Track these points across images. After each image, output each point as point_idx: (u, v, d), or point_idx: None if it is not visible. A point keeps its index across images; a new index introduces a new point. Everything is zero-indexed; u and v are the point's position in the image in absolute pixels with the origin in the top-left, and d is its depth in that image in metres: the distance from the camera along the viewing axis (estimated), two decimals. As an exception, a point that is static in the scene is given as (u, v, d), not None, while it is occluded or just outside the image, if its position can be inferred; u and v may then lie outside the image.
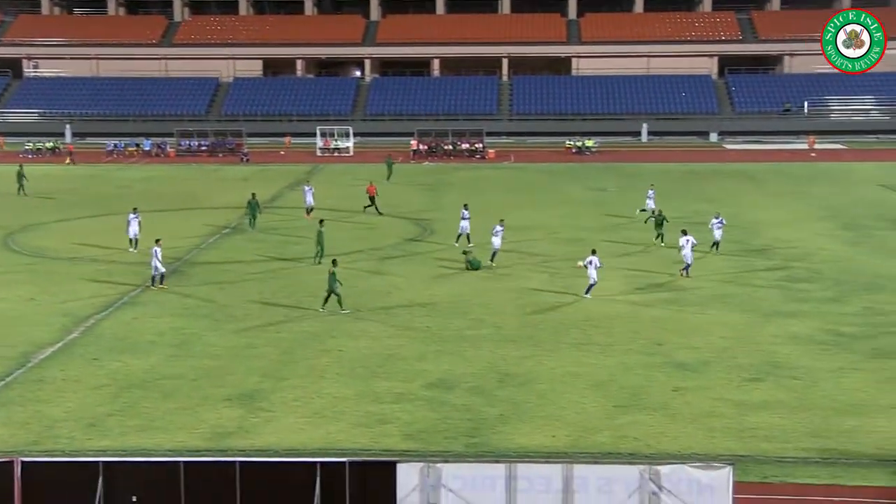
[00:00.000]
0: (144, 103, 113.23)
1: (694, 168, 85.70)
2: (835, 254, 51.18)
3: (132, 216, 52.51)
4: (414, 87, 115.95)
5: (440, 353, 35.36)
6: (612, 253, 51.09)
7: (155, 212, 64.80)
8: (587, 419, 29.34)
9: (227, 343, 36.75)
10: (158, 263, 44.34)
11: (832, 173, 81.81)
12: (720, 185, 76.01)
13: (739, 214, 61.94)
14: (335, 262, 41.36)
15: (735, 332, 37.79)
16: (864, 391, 31.57)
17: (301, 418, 29.53)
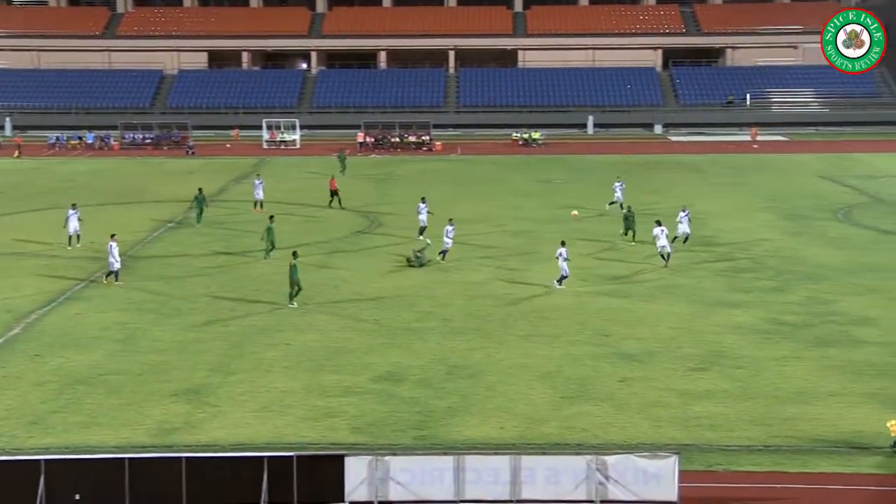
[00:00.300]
0: (87, 96, 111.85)
1: (639, 160, 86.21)
2: (777, 244, 51.73)
3: (71, 212, 51.85)
4: (360, 79, 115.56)
5: (388, 346, 35.30)
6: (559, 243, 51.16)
7: (99, 206, 64.13)
8: (535, 411, 29.43)
9: (173, 338, 36.45)
10: (114, 259, 43.81)
11: (774, 164, 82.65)
12: (665, 176, 76.51)
13: (684, 205, 62.32)
14: (296, 255, 41.14)
15: (680, 322, 38.08)
16: (805, 379, 31.96)
17: (248, 413, 29.36)
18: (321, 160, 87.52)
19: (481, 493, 23.76)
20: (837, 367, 33.01)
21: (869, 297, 41.48)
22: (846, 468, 25.88)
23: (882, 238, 53.52)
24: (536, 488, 23.73)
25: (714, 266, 47.16)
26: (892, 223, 57.29)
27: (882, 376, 32.23)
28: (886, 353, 34.39)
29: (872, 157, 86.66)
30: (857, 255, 49.38)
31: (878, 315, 38.87)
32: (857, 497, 24.52)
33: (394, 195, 68.36)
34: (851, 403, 29.98)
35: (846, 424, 28.43)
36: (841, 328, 37.25)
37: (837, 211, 61.21)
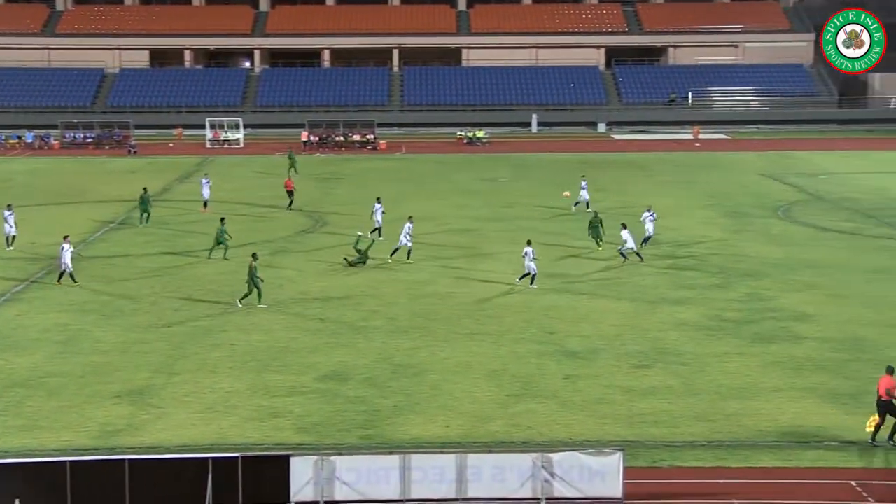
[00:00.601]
0: (26, 94, 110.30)
1: (584, 158, 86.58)
2: (719, 241, 52.23)
3: (7, 213, 51.09)
4: (304, 78, 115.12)
5: (333, 346, 35.21)
6: (504, 241, 51.41)
7: (39, 206, 63.33)
8: (480, 409, 29.48)
9: (115, 339, 36.08)
10: (68, 260, 43.21)
11: (716, 162, 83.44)
12: (609, 174, 76.92)
13: (629, 202, 62.82)
14: (255, 256, 40.73)
15: (624, 319, 38.33)
16: (747, 375, 32.31)
17: (193, 414, 29.14)
18: (266, 159, 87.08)
19: (427, 492, 23.76)
20: (778, 363, 33.40)
21: (808, 294, 42.02)
22: (787, 462, 26.20)
23: (821, 235, 54.23)
24: (482, 486, 23.77)
25: (657, 263, 47.50)
26: (830, 220, 58.09)
27: (821, 371, 32.67)
28: (825, 349, 34.87)
29: (812, 154, 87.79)
30: (796, 251, 50.01)
31: (816, 311, 39.38)
32: (798, 491, 24.81)
33: (338, 194, 68.17)
34: (792, 398, 30.35)
35: (787, 419, 28.78)
36: (781, 324, 37.70)
37: (778, 208, 61.93)
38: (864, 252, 49.94)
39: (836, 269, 46.21)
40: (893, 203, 63.56)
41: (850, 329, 37.11)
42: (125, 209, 61.35)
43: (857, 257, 48.75)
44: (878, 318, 38.58)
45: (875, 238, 53.37)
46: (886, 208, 61.75)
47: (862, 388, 31.09)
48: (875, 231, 55.26)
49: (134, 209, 59.83)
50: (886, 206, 62.63)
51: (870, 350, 34.74)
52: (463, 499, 23.74)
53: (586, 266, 46.58)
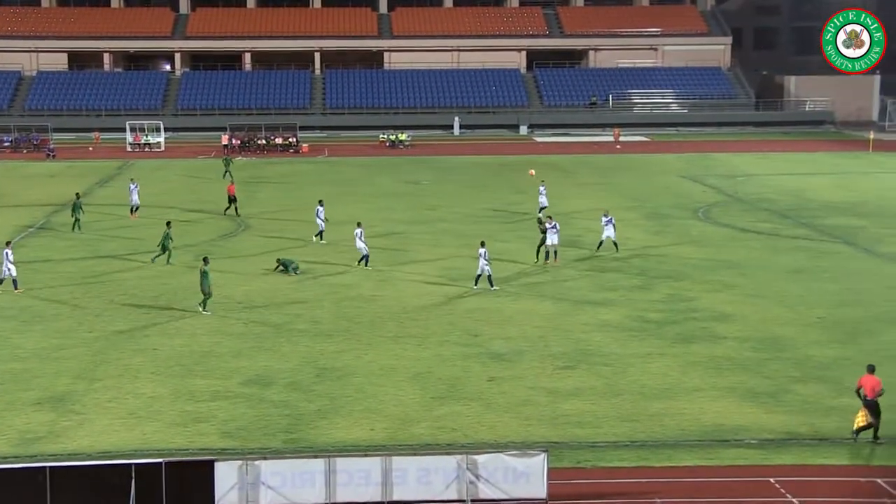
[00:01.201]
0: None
1: (505, 160, 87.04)
2: (640, 243, 52.78)
3: None
4: (226, 81, 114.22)
5: (257, 350, 34.99)
6: (427, 244, 51.48)
7: (-45, 210, 62.12)
8: (405, 411, 29.50)
9: (34, 345, 35.49)
10: (11, 266, 42.34)
11: (636, 164, 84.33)
12: (531, 177, 77.33)
13: (550, 205, 63.25)
14: (206, 261, 40.11)
15: (548, 321, 38.58)
16: (669, 375, 32.70)
17: (115, 419, 28.78)
18: (186, 163, 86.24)
19: (353, 494, 23.72)
20: (699, 363, 33.86)
21: (727, 294, 42.66)
22: (709, 461, 26.57)
23: (739, 236, 55.07)
24: (408, 489, 23.80)
25: (580, 265, 47.89)
26: (748, 221, 59.01)
27: (740, 370, 33.19)
28: (744, 348, 35.43)
29: (730, 156, 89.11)
30: (716, 252, 50.73)
31: (735, 311, 39.99)
32: (718, 488, 25.18)
33: (261, 198, 67.72)
34: (713, 398, 30.79)
35: (708, 418, 29.18)
36: (702, 324, 38.22)
37: (698, 210, 62.76)
38: (781, 252, 50.83)
39: (754, 270, 46.97)
40: (809, 204, 64.79)
41: (769, 328, 37.75)
42: (44, 214, 60.34)
43: (775, 257, 49.61)
44: (796, 317, 39.30)
45: (792, 238, 54.35)
46: (803, 209, 62.92)
47: (780, 386, 31.69)
48: (792, 231, 56.27)
49: (54, 213, 58.88)
50: (803, 206, 63.81)
51: (788, 349, 35.38)
52: (389, 501, 23.74)
53: (510, 268, 46.78)
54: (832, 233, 55.70)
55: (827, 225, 57.86)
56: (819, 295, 42.57)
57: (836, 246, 52.45)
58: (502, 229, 55.66)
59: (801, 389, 31.47)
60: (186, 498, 23.25)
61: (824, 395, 31.02)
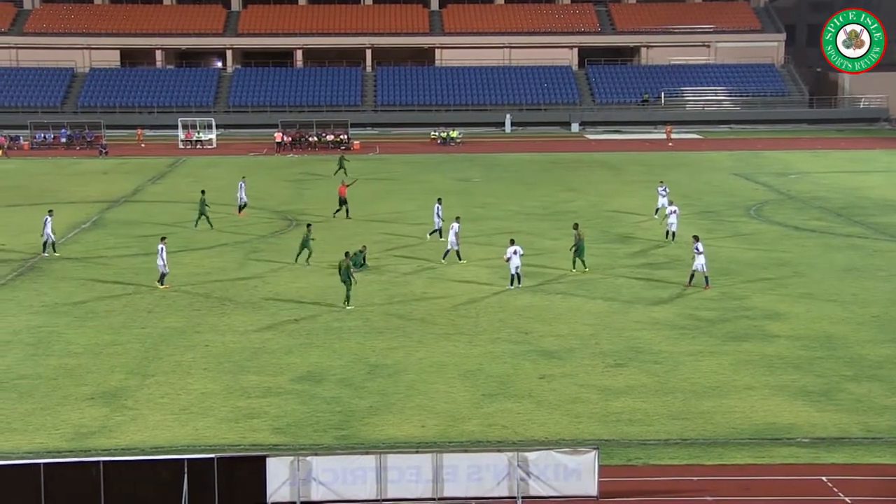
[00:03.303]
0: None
1: (557, 158, 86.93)
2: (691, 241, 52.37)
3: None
4: (277, 78, 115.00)
5: (308, 346, 35.24)
6: (478, 241, 51.54)
7: (9, 207, 63.07)
8: (456, 408, 29.60)
9: (88, 340, 35.98)
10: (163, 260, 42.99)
11: (688, 162, 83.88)
12: (582, 174, 77.27)
13: (600, 203, 63.19)
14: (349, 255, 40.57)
15: (599, 319, 38.53)
16: (720, 374, 32.56)
17: (168, 415, 29.12)
18: (239, 160, 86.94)
19: (403, 491, 23.86)
20: (751, 361, 33.68)
21: (779, 292, 42.37)
22: (760, 459, 26.45)
23: (792, 233, 54.66)
24: (459, 486, 23.90)
25: (630, 263, 47.76)
26: (801, 219, 58.54)
27: (793, 369, 32.97)
28: (796, 347, 35.18)
29: (783, 154, 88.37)
30: (768, 250, 50.39)
31: (787, 309, 39.72)
32: (770, 487, 25.07)
33: (312, 195, 68.12)
34: (764, 396, 30.63)
35: (760, 417, 29.04)
36: (754, 323, 38.00)
37: (750, 208, 62.36)
38: (834, 250, 50.39)
39: (807, 268, 46.61)
40: (863, 202, 64.15)
41: (821, 327, 37.47)
42: (97, 210, 61.10)
43: (828, 256, 49.19)
44: (849, 315, 38.97)
45: (845, 237, 53.85)
46: (856, 207, 62.31)
47: (833, 384, 31.46)
48: (845, 230, 55.75)
49: (107, 210, 59.65)
50: (856, 204, 63.19)
51: (841, 347, 35.10)
52: (439, 498, 23.86)
53: (561, 265, 46.71)
54: (887, 231, 55.13)
55: (881, 223, 57.26)
56: (873, 293, 42.18)
57: (891, 244, 51.91)
58: (552, 227, 55.61)
59: (853, 388, 31.23)
60: (238, 493, 23.50)
61: (877, 393, 30.77)
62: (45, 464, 23.34)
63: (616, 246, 51.32)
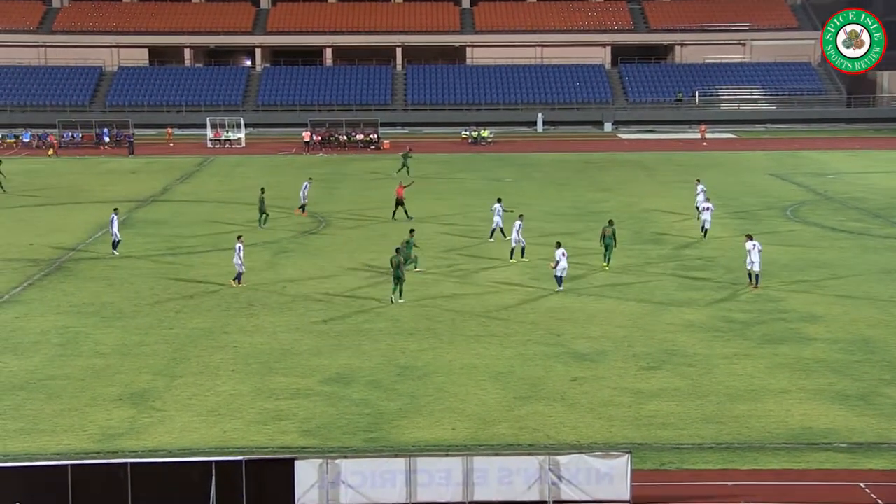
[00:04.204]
0: (23, 93, 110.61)
1: (589, 157, 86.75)
2: (726, 242, 52.26)
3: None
4: (306, 76, 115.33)
5: (337, 348, 35.30)
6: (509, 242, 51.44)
7: (37, 206, 63.53)
8: (487, 411, 29.58)
9: (116, 341, 36.19)
10: (240, 259, 43.18)
11: (723, 162, 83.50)
12: (615, 174, 77.07)
13: (633, 203, 62.99)
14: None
15: (631, 321, 38.42)
16: (755, 377, 32.39)
17: (195, 417, 29.24)
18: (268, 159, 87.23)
19: (433, 495, 23.86)
20: (787, 365, 33.48)
21: (816, 294, 42.10)
22: (796, 464, 26.29)
23: (829, 235, 54.30)
24: (489, 489, 23.88)
25: (664, 264, 47.59)
26: (838, 220, 58.16)
27: (830, 372, 32.75)
28: (833, 350, 34.94)
29: (820, 154, 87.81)
30: (805, 252, 50.09)
31: (824, 311, 39.46)
32: (806, 493, 24.90)
33: (341, 195, 68.28)
34: (801, 400, 30.44)
35: (795, 421, 28.86)
36: (789, 325, 37.77)
37: (786, 208, 62.01)
38: (872, 252, 50.02)
39: (844, 270, 46.30)
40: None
41: (859, 330, 37.20)
42: (125, 210, 61.42)
43: (866, 257, 48.83)
44: (887, 318, 38.66)
45: (884, 238, 53.43)
46: (895, 208, 61.80)
47: (871, 388, 31.22)
48: (884, 231, 55.32)
49: (135, 209, 59.98)
50: (895, 205, 62.67)
51: (879, 351, 34.83)
52: (469, 502, 23.84)
53: (595, 266, 46.61)
54: (927, 232, 54.69)
55: (922, 224, 56.84)
56: (913, 296, 41.87)
57: (932, 246, 51.49)
58: (585, 228, 55.47)
59: (892, 392, 30.98)
60: (266, 496, 23.56)
61: (918, 399, 30.52)
62: (72, 465, 23.47)
63: (649, 247, 51.14)
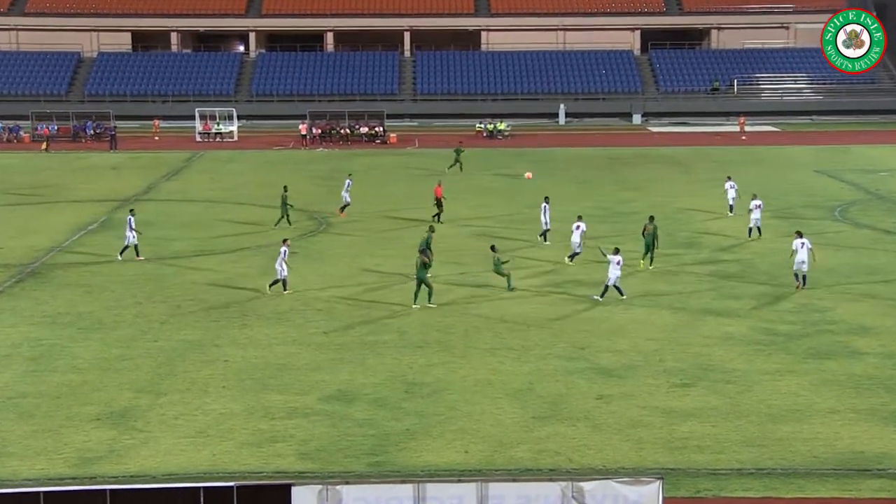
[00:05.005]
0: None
1: (616, 153, 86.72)
2: (768, 246, 52.17)
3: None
4: (305, 63, 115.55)
5: (339, 362, 35.30)
6: (528, 246, 51.48)
7: (8, 206, 63.71)
8: (503, 432, 29.54)
9: (95, 355, 36.22)
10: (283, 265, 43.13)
11: (764, 158, 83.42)
12: (645, 171, 77.04)
13: (665, 203, 62.90)
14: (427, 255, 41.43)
15: (663, 332, 38.35)
16: (800, 395, 32.28)
17: (182, 438, 29.25)
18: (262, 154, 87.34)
19: (444, 524, 23.82)
20: (835, 382, 33.37)
21: (868, 304, 41.97)
22: (846, 493, 26.18)
23: (882, 238, 54.18)
24: (505, 519, 23.82)
25: (699, 270, 47.51)
26: (892, 222, 58.02)
27: (883, 390, 32.63)
28: (887, 366, 34.81)
29: (872, 149, 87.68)
30: (854, 257, 49.97)
31: (877, 323, 39.33)
32: (858, 525, 24.85)
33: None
34: (851, 421, 30.33)
35: (845, 444, 28.75)
36: (838, 338, 37.67)
37: (834, 209, 61.91)
38: (931, 258, 49.91)
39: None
40: (964, 203, 63.54)
41: (916, 344, 37.11)
42: (106, 210, 61.56)
43: (924, 263, 48.74)
44: (948, 331, 38.56)
45: (943, 242, 53.34)
46: (956, 209, 61.78)
47: (930, 409, 31.12)
48: (943, 234, 55.21)
49: (116, 209, 60.07)
50: (956, 206, 62.65)
51: (938, 367, 34.74)
52: (484, 532, 23.80)
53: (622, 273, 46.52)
54: None
55: (985, 226, 56.69)
56: (975, 306, 41.74)
57: None
58: (611, 231, 55.42)
59: (954, 414, 30.89)
60: (260, 524, 23.54)
61: (981, 420, 30.41)
62: (45, 492, 23.44)
63: (683, 251, 51.07)
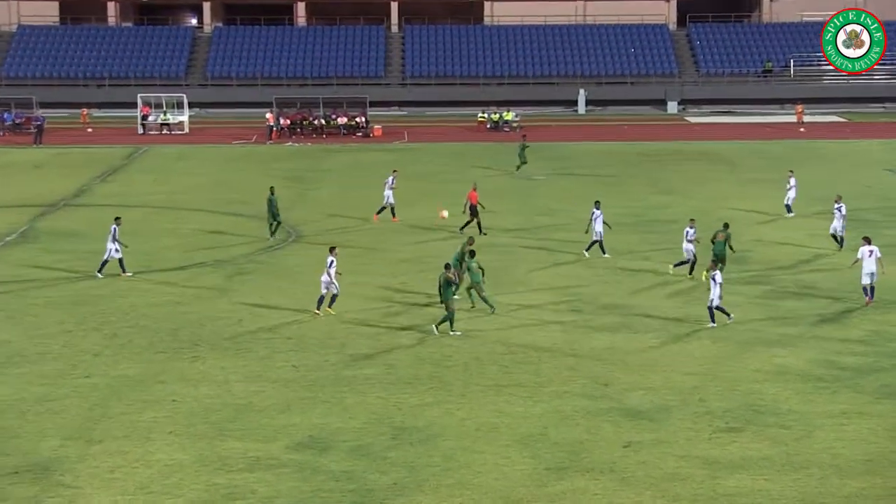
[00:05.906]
0: None
1: (647, 148, 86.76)
2: (832, 261, 52.19)
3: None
4: (271, 40, 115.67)
5: (311, 402, 35.24)
6: (541, 261, 51.44)
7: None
8: (511, 487, 29.48)
9: (13, 394, 36.12)
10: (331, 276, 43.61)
11: (826, 154, 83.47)
12: (682, 170, 77.10)
13: (707, 210, 62.88)
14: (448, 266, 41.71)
15: (704, 366, 38.30)
16: (871, 442, 32.23)
17: (120, 496, 29.14)
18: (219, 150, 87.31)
19: None
20: (915, 426, 33.39)
21: (955, 332, 42.03)
22: (929, 562, 26.17)
23: (972, 252, 54.19)
24: None
25: (747, 290, 47.51)
26: (984, 232, 58.12)
27: (975, 437, 32.64)
28: (980, 407, 34.82)
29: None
30: (938, 274, 49.98)
31: (967, 355, 39.38)
32: None
33: (317, 198, 68.30)
34: (935, 474, 30.33)
35: (928, 502, 28.75)
36: (919, 373, 37.71)
37: (911, 215, 62.14)
38: None
39: None
40: None
41: None
42: (28, 217, 61.49)
43: None
44: None
45: None
46: None
47: None
48: None
49: (40, 217, 59.98)
50: None
51: None
52: None
53: (654, 294, 46.51)
54: None
55: None
56: None
57: None
58: (642, 241, 55.41)
59: None
60: None
61: None
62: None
63: (729, 266, 50.95)
